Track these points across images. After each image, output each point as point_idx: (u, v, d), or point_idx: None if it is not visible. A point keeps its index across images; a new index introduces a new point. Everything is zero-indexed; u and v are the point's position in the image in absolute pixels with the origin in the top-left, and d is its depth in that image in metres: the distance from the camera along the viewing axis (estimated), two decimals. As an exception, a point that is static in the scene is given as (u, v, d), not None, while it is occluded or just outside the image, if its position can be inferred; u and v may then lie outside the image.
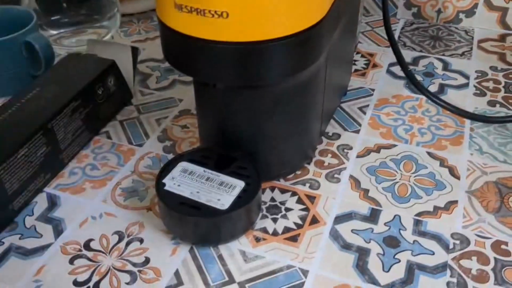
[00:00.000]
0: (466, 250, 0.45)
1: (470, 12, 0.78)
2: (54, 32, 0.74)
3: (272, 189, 0.51)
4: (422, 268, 0.43)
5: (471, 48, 0.74)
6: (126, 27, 0.80)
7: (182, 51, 0.40)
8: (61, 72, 0.57)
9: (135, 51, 0.63)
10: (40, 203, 0.50)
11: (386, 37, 0.77)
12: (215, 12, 0.36)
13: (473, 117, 0.57)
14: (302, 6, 0.38)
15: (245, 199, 0.44)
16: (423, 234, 0.46)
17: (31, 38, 0.60)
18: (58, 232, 0.47)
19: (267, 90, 0.44)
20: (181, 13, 0.37)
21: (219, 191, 0.45)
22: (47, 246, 0.46)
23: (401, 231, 0.46)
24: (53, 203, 0.50)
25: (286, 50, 0.39)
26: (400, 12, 0.82)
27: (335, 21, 0.46)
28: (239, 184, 0.45)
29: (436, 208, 0.49)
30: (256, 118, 0.46)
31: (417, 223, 0.47)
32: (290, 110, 0.47)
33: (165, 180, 0.46)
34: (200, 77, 0.41)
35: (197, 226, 0.43)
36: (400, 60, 0.53)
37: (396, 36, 0.77)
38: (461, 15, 0.79)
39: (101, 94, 0.57)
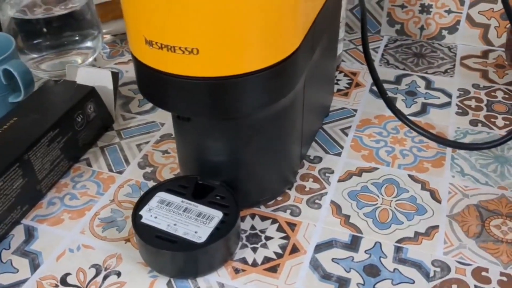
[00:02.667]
0: (446, 278, 0.44)
1: (453, 29, 0.78)
2: (35, 55, 0.73)
3: (253, 216, 0.50)
4: (402, 297, 0.43)
5: (454, 65, 0.74)
6: (109, 48, 0.80)
7: (155, 85, 0.39)
8: (39, 100, 0.57)
9: (115, 76, 0.63)
10: (17, 235, 0.49)
11: (369, 55, 0.77)
12: (185, 48, 0.35)
13: (452, 144, 0.57)
14: (274, 39, 0.38)
15: (223, 231, 0.44)
16: (404, 261, 0.46)
17: (9, 65, 0.60)
18: (34, 266, 0.46)
19: (243, 121, 0.44)
20: (151, 49, 0.37)
21: (196, 222, 0.44)
22: (23, 281, 0.45)
23: (382, 259, 0.46)
24: (30, 235, 0.49)
25: (260, 83, 0.39)
26: (384, 29, 0.82)
27: (311, 48, 0.46)
28: (217, 215, 0.45)
29: (417, 234, 0.48)
30: (233, 147, 0.46)
31: (397, 250, 0.47)
32: (267, 137, 0.47)
33: (142, 212, 0.45)
34: (174, 111, 0.41)
35: (173, 260, 0.43)
36: (378, 87, 0.53)
37: (379, 54, 0.77)
38: (444, 32, 0.79)
39: (80, 121, 0.57)
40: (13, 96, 0.62)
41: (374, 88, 0.69)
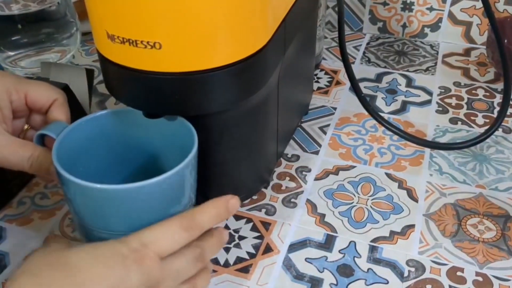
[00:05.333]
0: (421, 277, 0.44)
1: (435, 27, 0.78)
2: (12, 53, 0.72)
3: (227, 216, 0.49)
4: (375, 298, 0.42)
5: (436, 63, 0.73)
6: (88, 45, 0.79)
7: (118, 81, 0.38)
8: (10, 97, 0.55)
9: (90, 74, 0.62)
10: (-15, 236, 0.48)
11: (350, 53, 0.76)
12: (147, 43, 0.34)
13: (428, 144, 0.56)
14: (242, 33, 0.37)
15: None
16: (378, 261, 0.45)
17: (-19, 62, 0.58)
18: (1, 267, 0.45)
19: (212, 118, 0.43)
20: (114, 44, 0.36)
21: (166, 222, 0.43)
22: (-12, 283, 0.44)
23: (356, 259, 0.45)
24: (-2, 235, 0.48)
25: (228, 79, 0.38)
26: (366, 27, 0.81)
27: (282, 44, 0.45)
28: (188, 215, 0.44)
29: (392, 233, 0.48)
30: (204, 145, 0.45)
31: (372, 249, 0.46)
32: (240, 135, 0.46)
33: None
34: (139, 107, 0.40)
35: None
36: (353, 86, 0.52)
37: (361, 52, 0.76)
38: (426, 29, 0.78)
39: (53, 119, 0.55)
40: (-14, 94, 0.61)
41: (355, 86, 0.68)
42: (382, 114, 0.62)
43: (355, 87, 0.53)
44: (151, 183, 0.34)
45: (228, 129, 0.45)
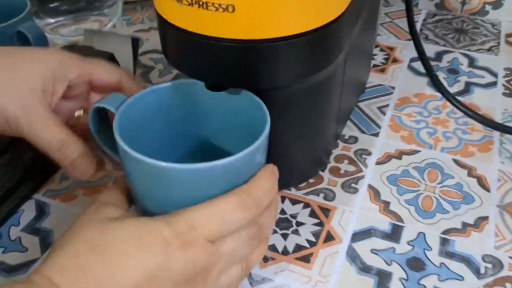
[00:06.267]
0: (499, 275, 0.40)
1: (497, 4, 0.72)
2: (52, 20, 0.69)
3: (283, 199, 0.46)
4: (450, 295, 0.39)
5: (499, 43, 0.68)
6: (129, 15, 0.75)
7: (181, 48, 0.35)
8: (53, 66, 0.52)
9: (135, 43, 0.58)
10: (28, 211, 0.45)
11: (407, 29, 0.71)
12: (220, 5, 0.30)
13: (503, 129, 0.52)
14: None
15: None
16: (451, 255, 0.41)
17: (23, 28, 0.55)
18: (45, 245, 0.42)
19: (277, 92, 0.39)
20: (180, 6, 0.32)
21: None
22: (32, 262, 0.41)
23: (426, 252, 0.42)
24: (41, 211, 0.45)
25: (301, 49, 0.34)
26: (422, 3, 0.76)
27: (356, 14, 0.41)
28: (246, 197, 0.41)
29: (465, 225, 0.44)
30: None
31: (444, 242, 0.42)
32: (302, 113, 0.42)
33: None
34: (201, 78, 0.36)
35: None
36: (424, 63, 0.48)
37: (417, 28, 0.71)
38: (488, 7, 0.73)
39: (97, 90, 0.52)
40: (26, 62, 0.58)
41: (413, 64, 0.64)
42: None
43: (425, 64, 0.48)
44: (227, 163, 0.31)
45: (289, 106, 0.41)
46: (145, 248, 0.29)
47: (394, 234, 0.43)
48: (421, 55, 0.48)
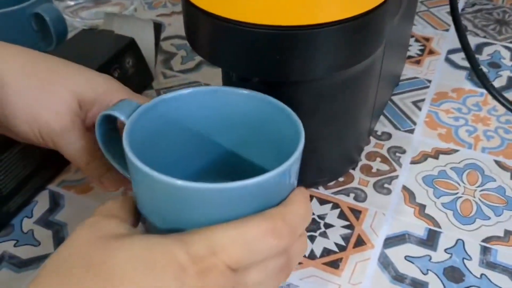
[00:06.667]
0: (547, 290, 0.36)
1: (543, -7, 0.68)
2: (72, 2, 0.67)
3: (310, 198, 0.43)
4: (493, 311, 0.35)
5: (544, 35, 0.64)
6: (151, -2, 0.73)
7: (208, 35, 0.32)
8: (72, 50, 0.50)
9: (158, 28, 0.55)
10: (41, 203, 0.43)
11: (444, 19, 0.67)
12: (252, -13, 0.27)
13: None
14: (363, -18, 0.29)
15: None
16: (493, 266, 0.38)
17: (41, 9, 0.53)
18: (58, 239, 0.40)
19: (311, 85, 0.36)
20: (208, -13, 0.29)
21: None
22: (44, 257, 0.39)
23: (466, 261, 0.38)
24: (55, 203, 0.43)
25: (340, 38, 0.31)
26: (461, -9, 0.72)
27: (398, 2, 0.37)
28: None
29: (507, 233, 0.40)
30: (295, 117, 0.38)
31: (485, 251, 0.39)
32: (337, 107, 0.39)
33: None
34: (228, 68, 0.33)
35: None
36: (469, 57, 0.44)
37: (455, 18, 0.67)
38: (533, -4, 0.68)
39: (117, 76, 0.50)
40: (44, 45, 0.56)
41: (451, 56, 0.60)
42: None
43: (470, 58, 0.45)
44: (257, 183, 0.26)
45: (322, 100, 0.38)
46: (155, 274, 0.24)
47: (430, 240, 0.40)
48: (465, 48, 0.44)
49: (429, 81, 0.56)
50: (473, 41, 0.63)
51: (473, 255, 0.39)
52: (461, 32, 0.44)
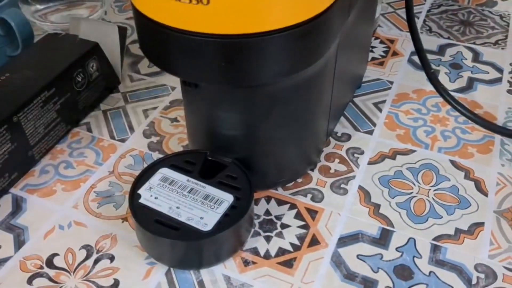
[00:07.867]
0: (492, 286, 0.38)
1: (506, -6, 0.69)
2: (41, 6, 0.67)
3: (268, 199, 0.44)
4: (439, 307, 0.37)
5: (506, 36, 0.65)
6: (121, 1, 0.73)
7: (157, 42, 0.33)
8: (36, 55, 0.50)
9: (123, 31, 0.56)
10: (4, 206, 0.44)
11: (409, 20, 0.68)
12: (193, -3, 0.28)
13: (504, 132, 0.49)
14: (305, -9, 0.30)
15: (233, 218, 0.38)
16: (442, 263, 0.39)
17: (6, 15, 0.53)
18: (19, 243, 0.41)
19: (263, 89, 0.37)
20: (152, -3, 0.30)
21: (202, 206, 0.38)
22: (5, 260, 0.40)
23: (416, 259, 0.40)
24: (18, 206, 0.44)
25: (285, 45, 0.32)
26: (427, -8, 0.73)
27: (347, 6, 0.38)
28: (227, 199, 0.39)
29: (458, 231, 0.42)
30: (248, 120, 0.39)
31: (435, 249, 0.40)
32: (291, 110, 0.40)
33: (141, 191, 0.39)
34: (178, 75, 0.34)
35: (174, 248, 0.37)
36: (422, 59, 0.45)
37: (421, 20, 0.69)
38: (496, -2, 0.70)
39: (81, 81, 0.50)
40: (11, 50, 0.56)
41: (414, 58, 0.61)
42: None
43: (423, 61, 0.46)
44: None
45: (277, 103, 0.39)
46: None
47: (383, 239, 0.41)
48: (419, 51, 0.46)
49: (391, 83, 0.57)
50: (436, 42, 0.64)
51: (423, 253, 0.40)
52: (415, 35, 0.46)
